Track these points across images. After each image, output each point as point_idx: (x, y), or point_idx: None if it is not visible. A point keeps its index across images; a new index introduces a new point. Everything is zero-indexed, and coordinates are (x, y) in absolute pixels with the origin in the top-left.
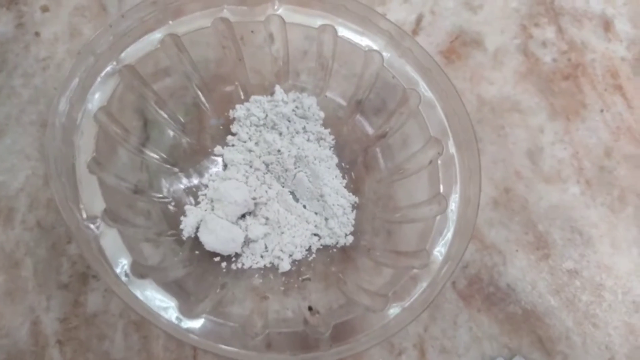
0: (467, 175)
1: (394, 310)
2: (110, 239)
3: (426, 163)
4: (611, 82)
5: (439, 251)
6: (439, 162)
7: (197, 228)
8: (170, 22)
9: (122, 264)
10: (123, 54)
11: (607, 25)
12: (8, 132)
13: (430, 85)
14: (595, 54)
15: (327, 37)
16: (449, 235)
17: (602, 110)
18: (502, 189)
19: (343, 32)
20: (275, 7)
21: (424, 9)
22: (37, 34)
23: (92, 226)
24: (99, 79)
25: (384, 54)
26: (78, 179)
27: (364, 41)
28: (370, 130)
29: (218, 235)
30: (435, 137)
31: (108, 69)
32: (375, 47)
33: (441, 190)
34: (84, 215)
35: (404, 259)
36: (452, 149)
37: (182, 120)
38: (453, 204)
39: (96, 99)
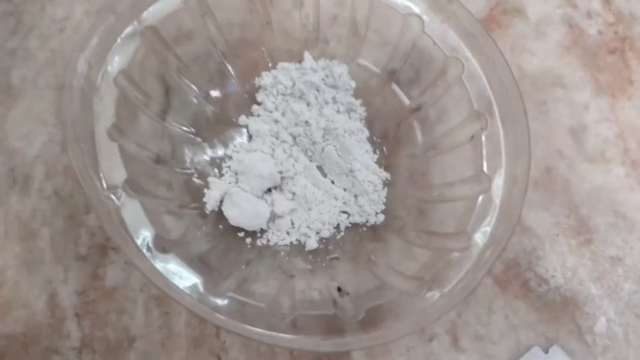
0: (514, 152)
1: (431, 296)
2: (132, 211)
3: (467, 138)
4: None
5: (481, 235)
6: (483, 137)
7: (221, 201)
8: None
9: (144, 237)
10: (144, 14)
11: None
12: (24, 97)
13: (475, 53)
14: None
15: (362, 1)
16: (492, 217)
17: None
18: (543, 168)
19: None
20: None
21: None
22: None
23: (113, 196)
24: (119, 40)
25: (424, 17)
26: (97, 146)
27: (403, 3)
28: (405, 101)
29: (243, 210)
30: (478, 110)
31: (129, 29)
32: (415, 10)
33: (484, 169)
34: (104, 185)
35: (439, 240)
36: (498, 123)
37: (205, 87)
38: (498, 184)
39: (116, 61)
